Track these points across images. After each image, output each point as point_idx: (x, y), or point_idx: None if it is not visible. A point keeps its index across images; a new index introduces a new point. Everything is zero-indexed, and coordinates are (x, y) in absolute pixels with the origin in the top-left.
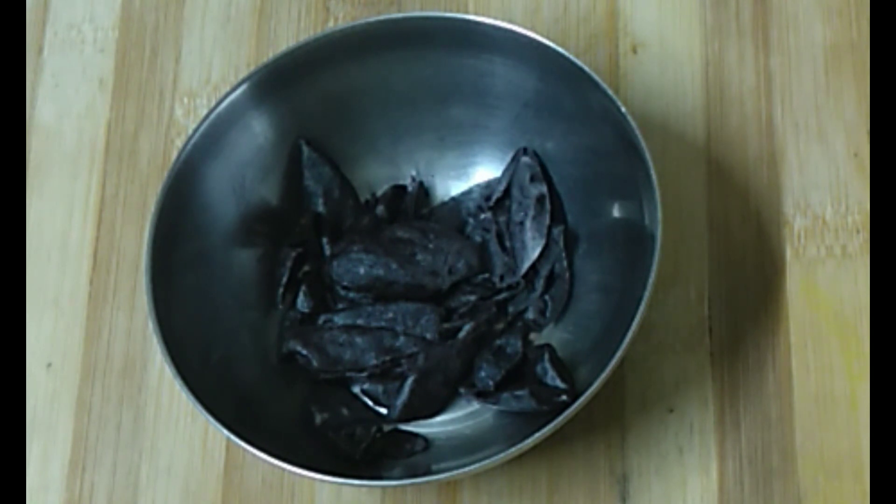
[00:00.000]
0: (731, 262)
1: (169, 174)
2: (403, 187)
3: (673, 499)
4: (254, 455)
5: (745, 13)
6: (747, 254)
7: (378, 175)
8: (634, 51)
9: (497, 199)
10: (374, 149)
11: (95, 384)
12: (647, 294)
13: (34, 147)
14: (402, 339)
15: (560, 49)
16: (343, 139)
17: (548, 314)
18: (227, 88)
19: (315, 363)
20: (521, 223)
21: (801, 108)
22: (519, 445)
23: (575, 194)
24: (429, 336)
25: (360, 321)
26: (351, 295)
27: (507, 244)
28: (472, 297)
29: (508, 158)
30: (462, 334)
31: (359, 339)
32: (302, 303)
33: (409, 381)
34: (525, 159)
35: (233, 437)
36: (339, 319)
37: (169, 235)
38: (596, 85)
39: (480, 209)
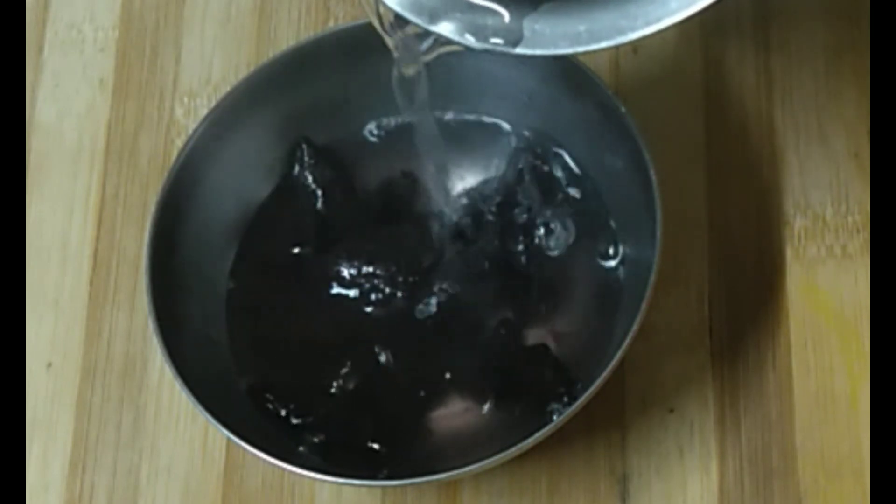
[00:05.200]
0: (731, 262)
1: (169, 174)
2: (403, 186)
3: (673, 499)
4: (254, 455)
5: (745, 13)
6: (747, 254)
7: (378, 175)
8: (634, 51)
9: (497, 199)
10: (373, 148)
11: (95, 384)
12: (647, 294)
13: (34, 147)
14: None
15: None
16: (343, 139)
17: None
18: (228, 88)
19: None
20: (521, 223)
21: (801, 108)
22: (519, 445)
23: (575, 194)
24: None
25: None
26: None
27: (507, 245)
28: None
29: (509, 158)
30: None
31: None
32: None
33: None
34: (525, 159)
35: (233, 437)
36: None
37: (169, 235)
38: (596, 85)
39: (481, 209)
